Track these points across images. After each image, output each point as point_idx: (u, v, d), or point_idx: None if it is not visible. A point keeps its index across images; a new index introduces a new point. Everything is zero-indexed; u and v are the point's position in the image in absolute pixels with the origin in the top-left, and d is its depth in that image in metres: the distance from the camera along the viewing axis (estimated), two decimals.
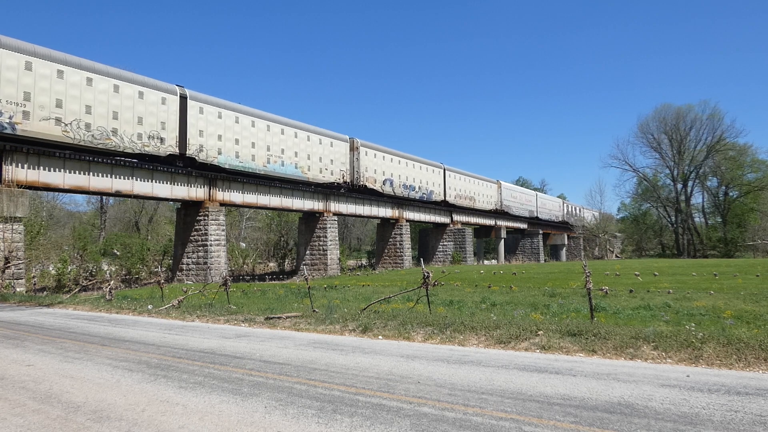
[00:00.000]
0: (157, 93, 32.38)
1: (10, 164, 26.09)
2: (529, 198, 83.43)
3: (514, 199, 77.57)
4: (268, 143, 39.54)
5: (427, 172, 58.39)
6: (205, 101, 35.41)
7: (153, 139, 31.75)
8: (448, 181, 62.03)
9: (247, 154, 37.82)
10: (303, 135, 43.04)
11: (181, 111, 33.67)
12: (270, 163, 39.48)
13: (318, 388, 6.24)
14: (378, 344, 9.58)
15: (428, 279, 12.47)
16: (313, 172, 43.44)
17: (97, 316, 15.84)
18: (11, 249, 25.53)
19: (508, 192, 76.03)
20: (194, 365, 7.83)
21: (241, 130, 37.58)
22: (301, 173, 42.22)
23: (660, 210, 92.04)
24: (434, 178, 59.74)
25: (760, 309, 12.85)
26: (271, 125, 40.22)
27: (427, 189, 57.79)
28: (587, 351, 8.23)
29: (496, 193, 73.12)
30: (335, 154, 46.20)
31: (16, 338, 11.00)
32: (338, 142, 46.89)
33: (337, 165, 46.13)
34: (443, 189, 61.04)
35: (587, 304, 10.95)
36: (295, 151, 41.99)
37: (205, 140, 34.95)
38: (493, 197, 72.43)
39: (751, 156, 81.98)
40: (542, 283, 24.21)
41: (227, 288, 17.28)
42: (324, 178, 44.49)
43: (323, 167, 44.68)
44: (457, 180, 64.35)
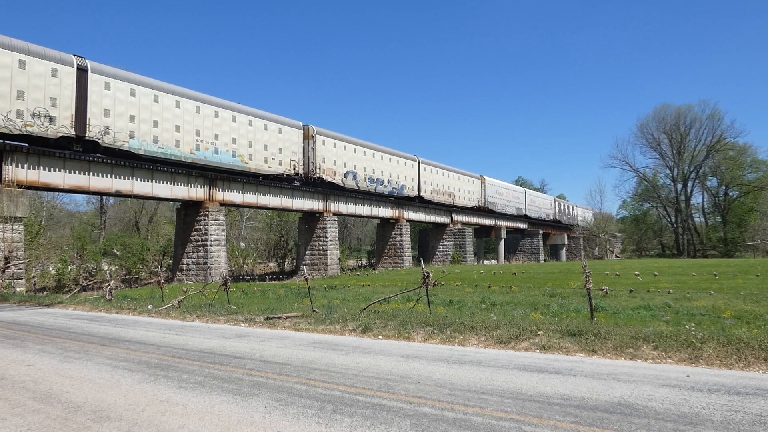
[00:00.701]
0: (46, 63, 27.41)
1: (10, 164, 26.08)
2: (516, 195, 79.89)
3: (500, 196, 74.10)
4: (197, 127, 34.59)
5: (398, 165, 53.76)
6: (113, 75, 30.52)
7: (39, 117, 26.91)
8: (423, 175, 57.67)
9: (169, 139, 32.87)
10: (243, 119, 38.11)
11: (79, 86, 28.69)
12: (199, 150, 34.56)
13: (318, 388, 6.24)
14: (378, 344, 9.58)
15: (428, 279, 12.47)
16: (256, 162, 38.54)
17: (97, 316, 15.84)
18: (11, 249, 25.53)
19: (492, 188, 72.40)
20: (194, 365, 7.83)
21: (162, 111, 32.57)
22: (240, 162, 37.37)
23: (660, 210, 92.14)
24: (407, 171, 55.07)
25: (760, 309, 12.85)
26: (202, 106, 35.25)
27: (398, 183, 53.19)
28: (587, 351, 8.23)
29: (480, 189, 69.55)
30: (285, 142, 41.33)
31: (16, 338, 11.00)
32: (288, 128, 41.94)
33: (286, 154, 41.33)
34: (417, 184, 56.59)
35: (587, 304, 10.95)
36: (233, 137, 37.00)
37: (113, 121, 30.02)
38: (476, 193, 68.68)
39: (751, 156, 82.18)
40: (542, 283, 24.21)
41: (227, 288, 17.28)
42: (270, 169, 39.67)
43: (269, 156, 39.69)
44: (434, 174, 60.10)
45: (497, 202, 72.85)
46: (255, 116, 39.14)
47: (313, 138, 43.56)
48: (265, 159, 39.47)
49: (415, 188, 56.22)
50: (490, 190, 71.43)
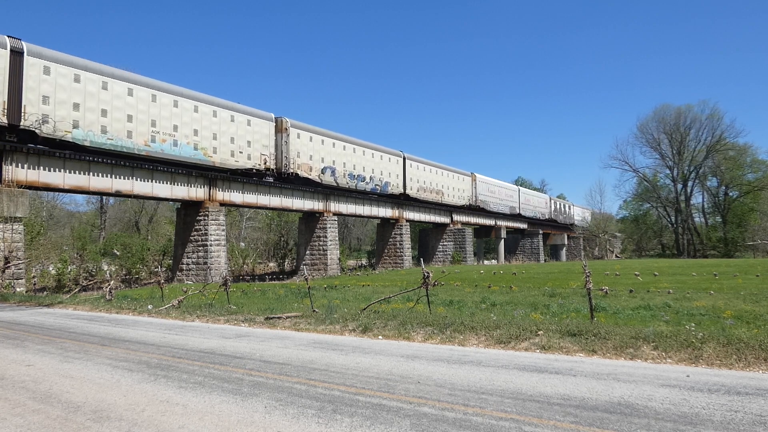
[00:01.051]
0: None
1: (10, 164, 26.09)
2: (509, 193, 77.24)
3: (492, 194, 71.45)
4: (152, 117, 31.70)
5: (381, 161, 50.94)
6: (53, 59, 27.82)
7: None
8: (408, 171, 54.88)
9: (120, 130, 30.01)
10: (206, 109, 35.07)
11: (13, 70, 26.23)
12: (155, 142, 31.76)
13: (318, 388, 6.24)
14: (378, 344, 9.58)
15: (428, 279, 12.47)
16: (222, 156, 35.71)
17: (97, 316, 15.84)
18: (11, 249, 25.54)
19: (483, 186, 69.50)
20: (194, 365, 7.83)
21: (112, 99, 29.75)
22: (203, 156, 34.48)
23: (660, 210, 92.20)
24: (391, 167, 52.30)
25: (760, 309, 12.85)
26: (159, 95, 32.34)
27: (381, 180, 50.39)
28: (587, 351, 8.23)
29: (470, 187, 66.67)
30: (254, 134, 38.47)
31: (16, 338, 11.00)
32: (259, 120, 39.01)
33: (256, 148, 38.49)
34: (402, 180, 53.90)
35: (587, 304, 10.95)
36: (195, 129, 34.04)
37: (53, 109, 27.41)
38: (466, 191, 65.73)
39: (751, 156, 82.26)
40: (542, 283, 24.21)
41: (227, 288, 17.28)
42: (237, 164, 36.95)
43: (236, 150, 36.86)
44: (421, 171, 57.24)
45: (489, 200, 70.61)
46: (220, 107, 36.27)
47: (286, 131, 40.72)
48: (232, 153, 36.55)
49: (400, 185, 53.65)
50: (482, 188, 68.99)
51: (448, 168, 63.20)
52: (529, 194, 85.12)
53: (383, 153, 51.71)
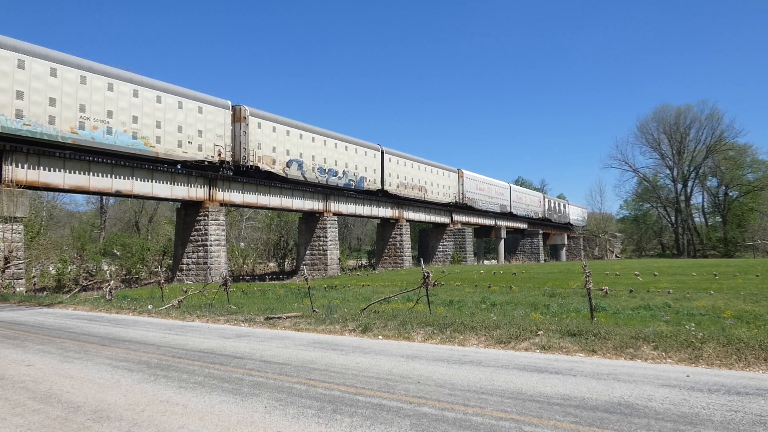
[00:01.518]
0: None
1: (10, 164, 26.08)
2: (500, 191, 73.76)
3: (481, 192, 68.04)
4: (81, 101, 28.23)
5: (356, 155, 47.54)
6: None
7: None
8: (387, 166, 51.52)
9: (40, 114, 26.57)
10: (149, 94, 31.46)
11: None
12: (84, 130, 28.14)
13: (318, 388, 6.24)
14: (378, 344, 9.58)
15: (428, 279, 12.47)
16: (166, 146, 32.08)
17: (97, 316, 15.84)
18: (11, 249, 25.53)
19: (471, 183, 66.04)
20: (194, 365, 7.83)
21: (30, 80, 26.33)
22: (144, 146, 30.85)
23: (660, 210, 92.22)
24: (367, 161, 48.79)
25: (760, 309, 12.85)
26: (90, 77, 28.73)
27: (356, 175, 47.03)
28: (587, 351, 8.23)
29: (456, 184, 63.20)
30: (207, 123, 34.75)
31: (16, 338, 11.00)
32: (212, 108, 35.34)
33: (209, 138, 34.83)
34: (380, 175, 50.53)
35: (587, 304, 10.95)
36: (134, 116, 30.39)
37: None
38: (452, 188, 62.34)
39: (751, 156, 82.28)
40: (542, 283, 24.21)
41: (227, 288, 17.28)
42: (186, 155, 33.21)
43: (185, 140, 33.17)
44: (401, 166, 53.76)
45: (477, 198, 67.26)
46: (166, 92, 32.65)
47: (245, 120, 37.03)
48: (179, 143, 32.93)
49: (378, 180, 50.06)
50: (469, 185, 65.43)
51: (431, 163, 59.50)
52: (521, 192, 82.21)
53: (358, 146, 48.12)
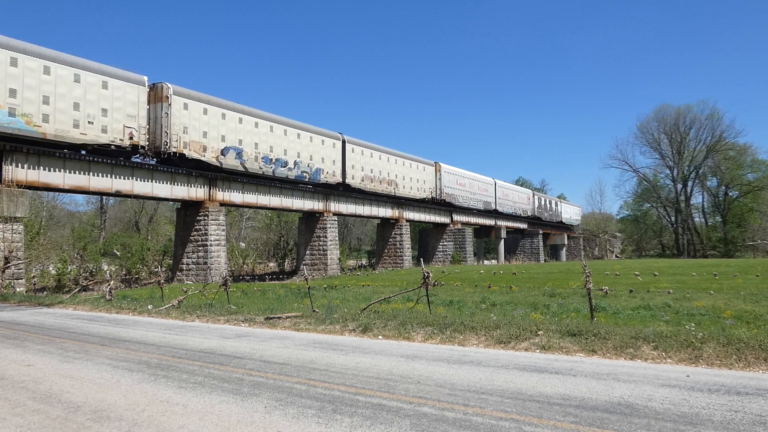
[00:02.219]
0: None
1: (10, 164, 26.09)
2: (484, 186, 69.27)
3: (461, 187, 63.53)
4: None
5: (311, 144, 42.66)
6: None
7: None
8: (350, 157, 46.77)
9: None
10: (32, 64, 26.51)
11: None
12: None
13: (318, 388, 6.24)
14: (378, 344, 9.58)
15: (428, 279, 12.47)
16: (58, 126, 27.29)
17: (97, 316, 15.84)
18: (11, 249, 25.54)
19: (451, 177, 61.48)
20: (194, 365, 7.83)
21: None
22: (25, 125, 26.03)
23: (660, 210, 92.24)
24: (325, 152, 44.01)
25: (760, 309, 12.85)
26: None
27: (310, 166, 42.19)
28: (587, 351, 8.23)
29: (433, 178, 58.90)
30: (115, 101, 29.84)
31: (16, 338, 11.00)
32: (120, 83, 30.23)
33: (118, 118, 29.83)
34: (341, 167, 45.82)
35: (587, 304, 10.95)
36: (11, 89, 25.59)
37: None
38: (428, 183, 57.87)
39: (751, 156, 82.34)
40: (542, 283, 24.21)
41: (227, 288, 17.28)
42: (84, 137, 28.37)
43: (83, 119, 28.29)
44: (366, 157, 48.78)
45: (457, 194, 62.49)
46: (57, 62, 27.62)
47: (167, 100, 32.10)
48: (76, 123, 28.00)
49: (338, 173, 45.44)
50: (448, 180, 60.76)
51: (403, 155, 54.66)
52: (507, 188, 77.48)
53: (314, 134, 43.31)
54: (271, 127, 39.49)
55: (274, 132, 39.69)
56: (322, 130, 44.46)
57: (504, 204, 74.29)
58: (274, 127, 39.79)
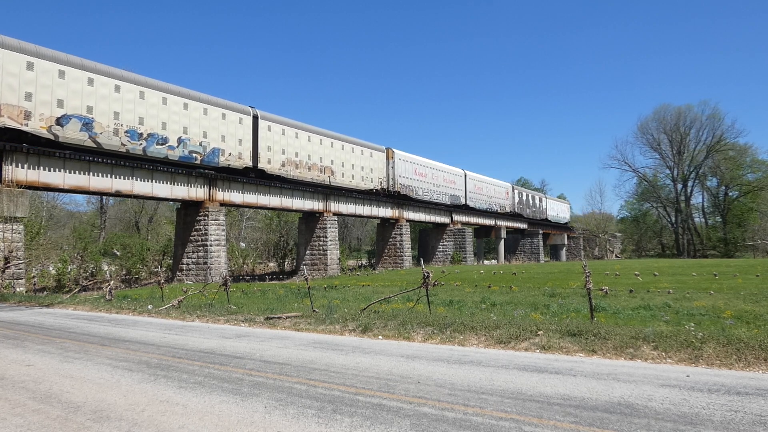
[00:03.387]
0: None
1: (10, 164, 26.08)
2: (450, 178, 61.65)
3: (421, 178, 55.84)
4: None
5: (207, 118, 34.34)
6: None
7: None
8: (264, 137, 38.60)
9: None
10: None
11: None
12: None
13: (318, 388, 6.24)
14: (378, 344, 9.58)
15: (428, 279, 12.47)
16: None
17: (97, 316, 15.84)
18: (11, 249, 25.53)
19: (407, 166, 53.35)
20: (194, 365, 7.83)
21: None
22: None
23: (660, 210, 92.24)
24: (228, 129, 35.81)
25: (760, 309, 12.85)
26: None
27: (204, 145, 34.06)
28: (587, 351, 8.23)
29: (383, 166, 51.22)
30: None
31: (16, 338, 11.00)
32: None
33: None
34: (252, 149, 37.79)
35: (587, 304, 10.95)
36: None
37: None
38: (378, 172, 50.31)
39: (751, 156, 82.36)
40: (542, 283, 24.21)
41: (227, 288, 17.28)
42: None
43: None
44: (288, 138, 40.63)
45: (415, 185, 54.76)
46: None
47: None
48: None
49: (247, 155, 37.29)
50: (403, 169, 53.02)
51: (341, 137, 46.74)
52: (481, 181, 69.60)
53: (210, 106, 34.80)
54: (142, 93, 30.99)
55: (147, 100, 31.20)
56: (222, 101, 36.26)
57: (477, 198, 67.30)
58: (147, 93, 31.27)
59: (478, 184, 68.48)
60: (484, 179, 71.31)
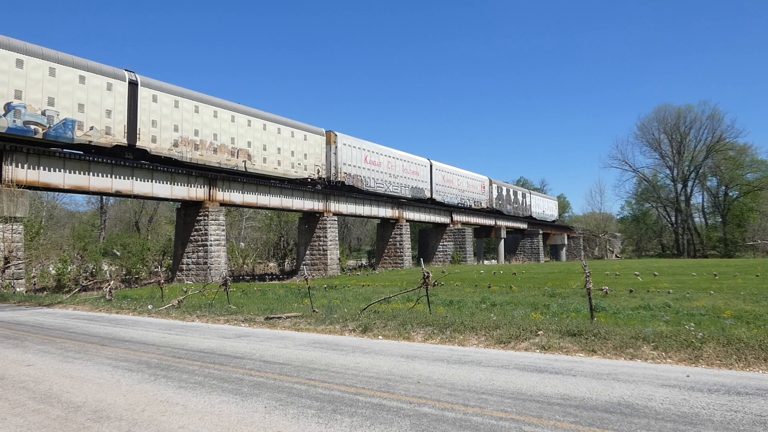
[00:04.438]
0: None
1: (10, 164, 26.08)
2: (411, 168, 53.58)
3: (375, 167, 47.77)
4: None
5: (56, 80, 27.22)
6: None
7: None
8: (146, 108, 31.24)
9: None
10: None
11: None
12: None
13: (318, 388, 6.24)
14: (378, 344, 9.58)
15: (428, 279, 12.47)
16: None
17: (97, 316, 15.84)
18: (11, 249, 25.53)
19: (354, 153, 45.22)
20: (194, 365, 7.83)
21: None
22: None
23: (660, 210, 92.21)
24: (92, 97, 28.65)
25: (760, 309, 12.85)
26: None
27: (50, 115, 26.82)
28: (587, 351, 8.23)
29: (322, 152, 43.89)
30: None
31: (16, 338, 11.00)
32: None
33: None
34: (128, 122, 30.25)
35: (587, 304, 10.95)
36: None
37: None
38: (314, 158, 42.96)
39: (751, 156, 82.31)
40: (542, 283, 24.21)
41: (227, 288, 17.28)
42: None
43: None
44: (185, 113, 33.33)
45: (366, 174, 47.04)
46: None
47: None
48: None
49: (120, 131, 29.91)
50: (348, 156, 44.81)
51: (264, 115, 39.51)
52: (450, 173, 61.83)
53: (60, 65, 27.52)
54: None
55: None
56: (83, 60, 28.77)
57: (445, 192, 59.80)
58: None
59: (447, 176, 60.95)
60: (455, 171, 63.68)
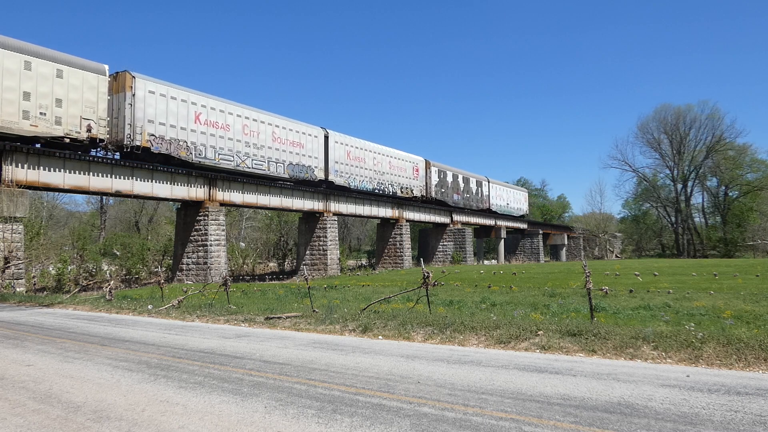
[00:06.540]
0: None
1: (10, 164, 26.07)
2: (291, 137, 40.64)
3: (215, 131, 34.84)
4: None
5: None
6: None
7: None
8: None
9: None
10: None
11: None
12: None
13: (318, 388, 6.24)
14: (378, 344, 9.58)
15: (428, 279, 12.47)
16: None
17: (97, 316, 15.84)
18: (11, 249, 25.53)
19: (171, 106, 32.19)
20: (194, 365, 7.83)
21: None
22: None
23: (660, 210, 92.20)
24: None
25: (760, 309, 12.85)
26: None
27: None
28: (587, 351, 8.23)
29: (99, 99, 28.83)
30: None
31: (16, 338, 10.99)
32: None
33: None
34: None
35: (587, 304, 10.95)
36: None
37: None
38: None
39: (751, 156, 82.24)
40: (542, 283, 24.21)
41: (227, 288, 17.28)
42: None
43: None
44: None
45: (198, 140, 33.93)
46: None
47: None
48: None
49: None
50: (158, 110, 31.49)
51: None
52: (360, 148, 47.57)
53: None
54: None
55: None
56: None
57: (350, 173, 46.44)
58: None
59: (354, 152, 46.09)
60: (370, 146, 48.76)
